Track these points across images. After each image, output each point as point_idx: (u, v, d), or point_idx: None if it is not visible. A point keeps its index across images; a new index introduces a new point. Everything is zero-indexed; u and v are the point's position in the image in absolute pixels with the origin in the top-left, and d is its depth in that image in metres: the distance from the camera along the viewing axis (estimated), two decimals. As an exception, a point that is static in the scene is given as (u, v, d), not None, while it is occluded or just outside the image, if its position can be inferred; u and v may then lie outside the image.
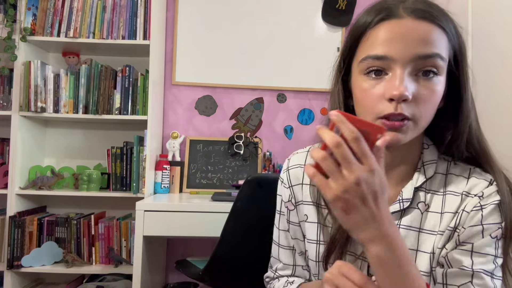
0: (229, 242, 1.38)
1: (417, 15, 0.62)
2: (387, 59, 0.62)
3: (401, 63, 0.61)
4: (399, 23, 0.62)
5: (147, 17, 2.03)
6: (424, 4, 0.64)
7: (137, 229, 1.64)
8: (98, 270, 1.95)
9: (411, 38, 0.61)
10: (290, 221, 0.81)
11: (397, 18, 0.62)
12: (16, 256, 1.92)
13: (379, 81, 0.63)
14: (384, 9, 0.64)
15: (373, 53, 0.63)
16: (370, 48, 0.64)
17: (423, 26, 0.62)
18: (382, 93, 0.62)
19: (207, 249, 2.20)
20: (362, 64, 0.65)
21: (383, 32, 0.63)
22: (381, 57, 0.62)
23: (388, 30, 0.62)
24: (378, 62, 0.63)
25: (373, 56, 0.63)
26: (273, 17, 2.29)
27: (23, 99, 1.97)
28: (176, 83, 2.27)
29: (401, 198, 0.70)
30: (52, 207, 2.22)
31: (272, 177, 1.36)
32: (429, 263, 0.68)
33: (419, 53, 0.61)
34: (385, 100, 0.62)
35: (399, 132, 0.62)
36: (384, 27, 0.63)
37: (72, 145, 2.25)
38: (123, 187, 2.06)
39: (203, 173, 2.20)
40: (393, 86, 0.61)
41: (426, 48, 0.61)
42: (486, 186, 0.67)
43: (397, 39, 0.61)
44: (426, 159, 0.71)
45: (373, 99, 0.63)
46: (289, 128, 2.30)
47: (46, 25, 2.01)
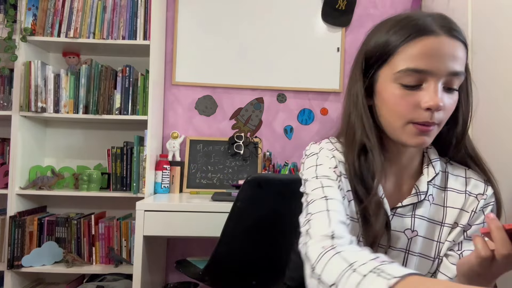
0: (229, 242, 1.39)
1: (450, 34, 0.69)
2: (426, 73, 0.68)
3: (437, 76, 0.68)
4: (437, 40, 0.68)
5: (147, 17, 2.03)
6: (450, 22, 0.71)
7: (137, 229, 1.64)
8: (98, 270, 1.95)
9: (446, 55, 0.68)
10: (342, 188, 0.74)
11: (434, 35, 0.68)
12: (17, 256, 1.92)
13: (414, 91, 0.70)
14: (419, 26, 0.69)
15: (413, 66, 0.68)
16: (410, 61, 0.69)
17: (455, 44, 0.69)
18: (418, 102, 0.69)
19: (207, 249, 2.20)
20: (399, 74, 0.70)
21: (422, 47, 0.68)
22: (421, 71, 0.68)
23: (428, 46, 0.68)
24: (417, 74, 0.69)
25: (414, 69, 0.68)
26: (273, 17, 2.29)
27: (23, 99, 1.97)
28: (176, 83, 2.27)
29: (418, 191, 0.78)
30: (52, 207, 2.22)
31: (272, 177, 1.37)
32: (435, 250, 0.78)
33: (452, 70, 0.68)
34: (421, 108, 0.69)
35: (426, 136, 0.71)
36: (423, 43, 0.68)
37: (72, 145, 2.25)
38: (123, 187, 2.06)
39: (203, 173, 2.20)
40: (431, 97, 0.68)
41: (456, 65, 0.69)
42: (485, 187, 0.79)
43: (436, 55, 0.68)
44: (432, 158, 0.81)
45: (409, 107, 0.70)
46: (289, 128, 2.30)
47: (47, 25, 2.01)
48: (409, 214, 0.78)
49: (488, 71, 1.43)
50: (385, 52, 0.72)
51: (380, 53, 0.73)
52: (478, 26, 1.51)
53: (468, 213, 0.78)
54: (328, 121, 2.30)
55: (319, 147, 0.81)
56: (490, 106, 1.39)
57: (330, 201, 0.69)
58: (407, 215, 0.78)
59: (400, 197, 0.79)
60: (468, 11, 1.57)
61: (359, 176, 0.74)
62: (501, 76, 1.36)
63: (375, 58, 0.74)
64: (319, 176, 0.74)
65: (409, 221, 0.77)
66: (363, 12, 2.32)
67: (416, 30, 0.69)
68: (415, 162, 0.80)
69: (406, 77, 0.69)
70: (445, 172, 0.81)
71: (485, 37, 1.47)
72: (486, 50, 1.46)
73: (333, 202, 0.69)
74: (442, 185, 0.80)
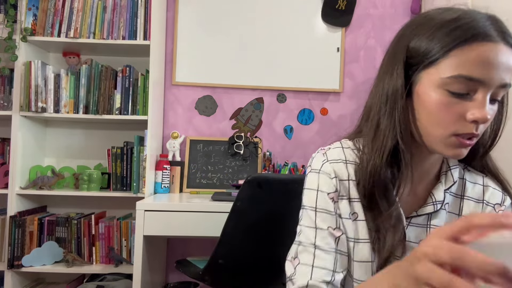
0: (229, 241, 1.39)
1: (507, 41, 0.63)
2: (479, 82, 0.62)
3: (487, 87, 0.62)
4: (495, 47, 0.62)
5: (147, 17, 2.03)
6: (505, 27, 0.65)
7: (137, 229, 1.64)
8: (98, 269, 1.95)
9: (502, 65, 0.62)
10: (337, 214, 0.72)
11: (492, 41, 0.62)
12: (17, 255, 1.92)
13: (462, 100, 0.63)
14: (476, 28, 0.62)
15: (466, 73, 0.62)
16: (462, 68, 0.62)
17: (509, 53, 0.63)
18: (463, 113, 0.63)
19: (207, 249, 2.20)
20: (448, 80, 0.63)
21: (479, 54, 0.61)
22: (474, 79, 0.62)
23: (485, 53, 0.61)
24: (468, 83, 0.62)
25: (467, 77, 0.62)
26: (273, 17, 2.29)
27: (23, 99, 1.98)
28: (176, 83, 2.27)
29: (435, 200, 0.73)
30: (52, 207, 2.22)
31: (272, 177, 1.37)
32: None
33: (504, 81, 0.63)
34: (466, 120, 0.63)
35: (465, 148, 0.66)
36: (480, 49, 0.61)
37: (73, 145, 2.25)
38: (124, 187, 2.06)
39: (203, 173, 2.20)
40: (479, 110, 0.62)
41: (507, 77, 0.63)
42: (503, 197, 0.76)
43: (492, 63, 0.61)
44: (451, 164, 0.76)
45: (453, 117, 0.64)
46: (289, 128, 2.30)
47: (47, 25, 2.01)
48: (424, 224, 0.73)
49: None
50: (434, 53, 0.65)
51: (427, 53, 0.65)
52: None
53: None
54: (328, 121, 2.30)
55: (322, 160, 0.75)
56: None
57: (317, 252, 0.69)
58: (422, 224, 0.73)
59: (414, 204, 0.74)
60: (468, 11, 1.57)
61: (382, 184, 0.69)
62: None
63: (421, 57, 0.66)
64: (317, 209, 0.72)
65: (424, 231, 0.73)
66: (363, 12, 2.32)
67: (473, 34, 0.62)
68: (435, 168, 0.76)
69: (456, 84, 0.63)
70: (462, 179, 0.77)
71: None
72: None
73: (321, 254, 0.69)
74: (459, 192, 0.76)
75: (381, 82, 0.72)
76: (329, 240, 0.70)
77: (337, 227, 0.71)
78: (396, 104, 0.68)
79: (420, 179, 0.75)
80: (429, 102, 0.66)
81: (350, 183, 0.73)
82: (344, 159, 0.74)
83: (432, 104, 0.65)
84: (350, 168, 0.74)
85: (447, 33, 0.64)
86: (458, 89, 0.63)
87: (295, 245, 0.73)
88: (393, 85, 0.69)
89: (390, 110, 0.69)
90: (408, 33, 0.69)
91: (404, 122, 0.68)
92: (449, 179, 0.75)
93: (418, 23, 0.69)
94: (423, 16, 0.69)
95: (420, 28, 0.67)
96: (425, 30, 0.66)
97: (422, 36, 0.66)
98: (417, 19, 0.70)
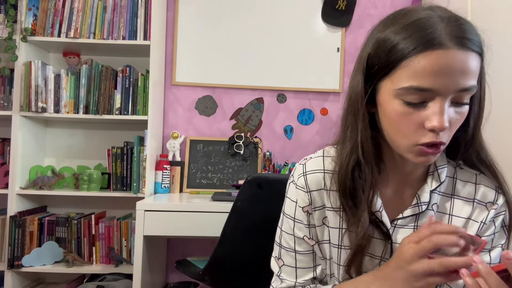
0: (230, 241, 1.39)
1: (462, 45, 0.60)
2: (431, 92, 0.61)
3: (443, 95, 0.61)
4: (446, 54, 0.60)
5: (147, 17, 2.03)
6: (464, 28, 0.62)
7: (138, 229, 1.64)
8: (98, 269, 1.95)
9: (456, 71, 0.60)
10: (310, 225, 0.78)
11: (443, 48, 0.60)
12: (17, 256, 1.92)
13: (418, 109, 0.63)
14: (425, 36, 0.61)
15: (417, 84, 0.61)
16: (413, 78, 0.61)
17: (466, 56, 0.61)
18: (421, 122, 0.63)
19: (207, 249, 2.20)
20: (402, 91, 0.63)
21: (428, 63, 0.60)
22: (426, 90, 0.61)
23: (435, 62, 0.60)
24: (421, 93, 0.62)
25: (418, 88, 0.61)
26: (273, 17, 2.29)
27: (23, 99, 1.98)
28: (176, 83, 2.27)
29: (419, 202, 0.73)
30: (52, 207, 2.22)
31: (272, 177, 1.37)
32: None
33: (461, 87, 0.61)
34: (424, 129, 0.63)
35: (433, 155, 0.66)
36: (430, 58, 0.60)
37: (73, 145, 2.25)
38: (124, 187, 2.06)
39: (203, 173, 2.20)
40: (435, 118, 0.61)
41: (467, 81, 0.61)
42: (496, 195, 0.74)
43: (443, 72, 0.60)
44: (438, 164, 0.75)
45: (411, 127, 0.64)
46: (289, 128, 2.30)
47: (47, 25, 2.01)
48: (411, 225, 0.74)
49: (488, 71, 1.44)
50: (388, 63, 0.65)
51: (382, 64, 0.66)
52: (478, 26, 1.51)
53: (477, 223, 0.73)
54: (328, 121, 2.30)
55: (298, 174, 0.78)
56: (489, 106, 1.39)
57: (298, 256, 0.80)
58: (409, 226, 0.74)
59: (400, 206, 0.75)
60: (468, 11, 1.57)
61: (349, 192, 0.72)
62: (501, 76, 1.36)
63: (378, 67, 0.67)
64: (295, 220, 0.79)
65: (411, 232, 0.73)
66: (363, 12, 2.32)
67: (423, 42, 0.60)
68: (419, 170, 0.75)
69: (410, 95, 0.63)
70: (453, 177, 0.76)
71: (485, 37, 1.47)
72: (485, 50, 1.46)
73: (301, 257, 0.80)
74: (449, 191, 0.75)
75: (349, 90, 0.73)
76: (306, 245, 0.79)
77: (310, 237, 0.79)
78: (358, 115, 0.70)
79: (405, 182, 0.76)
80: (388, 113, 0.66)
81: (325, 193, 0.76)
82: (322, 169, 0.77)
83: (392, 114, 0.66)
84: (327, 178, 0.76)
85: (400, 41, 0.63)
86: (412, 99, 0.63)
87: (277, 246, 0.83)
88: (357, 95, 0.70)
89: (353, 120, 0.71)
90: (369, 40, 0.70)
91: (366, 131, 0.70)
92: (436, 179, 0.74)
93: (379, 28, 0.69)
94: (385, 20, 0.69)
95: (379, 35, 0.67)
96: (383, 38, 0.66)
97: (380, 45, 0.66)
98: (380, 24, 0.69)
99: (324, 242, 0.78)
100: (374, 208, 0.72)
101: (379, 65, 0.66)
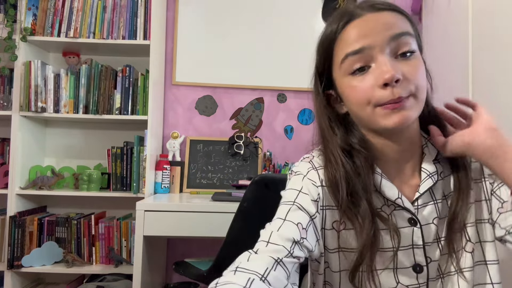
0: (235, 242, 1.37)
1: (374, 8, 0.67)
2: (365, 49, 0.65)
3: (379, 48, 0.65)
4: (363, 19, 0.67)
5: (147, 17, 2.03)
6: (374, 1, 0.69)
7: (137, 229, 1.64)
8: (98, 270, 1.95)
9: (378, 26, 0.66)
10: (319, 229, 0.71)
11: (358, 17, 0.67)
12: (17, 256, 1.92)
13: (366, 75, 0.66)
14: (345, 14, 0.69)
15: (350, 50, 0.67)
16: (346, 48, 0.67)
17: (384, 14, 0.67)
18: (374, 82, 0.65)
19: (207, 249, 2.20)
20: (344, 65, 0.68)
21: (352, 31, 0.67)
22: (359, 50, 0.66)
23: (356, 27, 0.67)
24: (359, 56, 0.66)
25: (352, 52, 0.66)
26: (273, 17, 2.29)
27: (23, 99, 1.97)
28: (176, 83, 2.27)
29: (429, 173, 0.72)
30: (52, 207, 2.22)
31: (279, 178, 1.36)
32: None
33: (390, 34, 0.65)
34: (379, 87, 0.65)
35: (403, 111, 0.65)
36: (351, 27, 0.67)
37: (72, 145, 2.25)
38: (123, 187, 2.06)
39: (203, 173, 2.20)
40: (382, 71, 0.64)
41: (394, 29, 0.65)
42: None
43: (367, 31, 0.66)
44: (426, 136, 0.76)
45: (367, 91, 0.66)
46: (289, 128, 2.30)
47: (47, 25, 2.01)
48: (431, 202, 0.72)
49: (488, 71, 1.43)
50: (328, 50, 0.71)
51: (325, 54, 0.72)
52: (479, 26, 1.51)
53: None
54: (328, 121, 2.29)
55: (308, 167, 0.75)
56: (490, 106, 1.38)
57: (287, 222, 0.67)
58: (429, 203, 0.72)
59: (413, 189, 0.73)
60: (468, 11, 1.57)
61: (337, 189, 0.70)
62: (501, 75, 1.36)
63: (323, 60, 0.73)
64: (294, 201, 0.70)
65: (434, 207, 0.72)
66: (363, 12, 2.32)
67: (340, 20, 0.69)
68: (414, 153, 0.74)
69: (350, 64, 0.67)
70: None
71: (485, 37, 1.47)
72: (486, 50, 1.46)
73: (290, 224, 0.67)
74: None
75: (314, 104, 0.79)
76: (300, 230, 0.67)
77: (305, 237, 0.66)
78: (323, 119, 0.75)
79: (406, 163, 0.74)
80: (347, 93, 0.70)
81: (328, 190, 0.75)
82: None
83: (348, 92, 0.69)
84: None
85: (326, 30, 0.72)
86: (355, 66, 0.67)
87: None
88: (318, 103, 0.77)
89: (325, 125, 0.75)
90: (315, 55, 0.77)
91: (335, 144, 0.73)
92: (431, 149, 0.75)
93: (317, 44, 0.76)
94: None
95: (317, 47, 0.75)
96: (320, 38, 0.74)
97: (320, 44, 0.74)
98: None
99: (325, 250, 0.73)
100: (391, 197, 0.71)
101: (323, 59, 0.73)
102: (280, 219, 0.67)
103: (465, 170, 0.73)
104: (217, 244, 1.39)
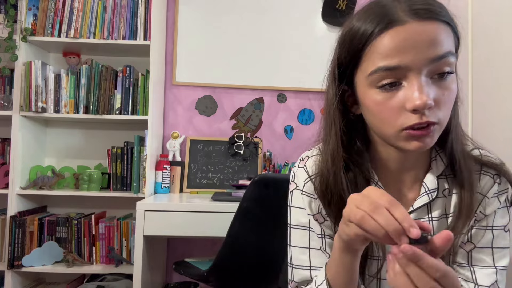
0: (235, 242, 1.38)
1: (420, 16, 0.58)
2: (401, 69, 0.59)
3: (415, 70, 0.58)
4: (405, 29, 0.58)
5: (147, 17, 2.03)
6: (420, 2, 0.60)
7: (138, 229, 1.64)
8: (98, 270, 1.95)
9: (420, 42, 0.58)
10: (325, 235, 0.73)
11: (400, 24, 0.58)
12: (17, 256, 1.92)
13: (395, 92, 0.60)
14: (383, 16, 0.60)
15: (383, 64, 0.59)
16: (379, 60, 0.60)
17: (429, 27, 0.58)
18: (402, 104, 0.60)
19: (207, 249, 2.20)
20: (372, 77, 0.61)
21: (390, 41, 0.59)
22: (394, 68, 0.59)
23: (395, 38, 0.58)
24: (391, 73, 0.59)
25: (385, 68, 0.59)
26: (273, 17, 2.29)
27: (23, 99, 1.98)
28: (176, 83, 2.27)
29: (428, 189, 0.69)
30: (52, 207, 2.22)
31: (279, 178, 1.36)
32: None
33: (432, 56, 0.58)
34: (407, 111, 0.59)
35: (426, 138, 0.61)
36: (390, 36, 0.59)
37: (73, 145, 2.25)
38: (124, 187, 2.06)
39: (203, 173, 2.20)
40: (414, 96, 0.58)
41: (437, 50, 0.58)
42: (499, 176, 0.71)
43: (406, 46, 0.58)
44: (438, 148, 0.71)
45: (393, 112, 0.61)
46: (289, 128, 2.30)
47: (47, 25, 2.01)
48: (426, 217, 0.69)
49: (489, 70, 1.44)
50: (355, 52, 0.63)
51: (350, 55, 0.65)
52: (479, 26, 1.51)
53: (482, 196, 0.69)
54: (328, 121, 2.29)
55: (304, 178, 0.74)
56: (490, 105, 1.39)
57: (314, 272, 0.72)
58: (423, 218, 0.69)
59: (410, 200, 0.71)
60: (468, 12, 1.57)
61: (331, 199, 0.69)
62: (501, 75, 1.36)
63: (347, 60, 0.66)
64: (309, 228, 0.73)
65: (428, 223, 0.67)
66: (363, 12, 2.32)
67: (381, 23, 0.59)
68: (418, 166, 0.71)
69: (380, 79, 0.60)
70: None
71: (486, 37, 1.47)
72: (486, 50, 1.46)
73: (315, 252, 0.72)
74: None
75: (325, 98, 0.73)
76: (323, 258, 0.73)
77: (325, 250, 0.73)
78: (335, 119, 0.69)
79: (406, 178, 0.71)
80: (368, 105, 0.64)
81: None
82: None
83: (371, 105, 0.63)
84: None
85: (359, 28, 0.62)
86: (384, 81, 0.60)
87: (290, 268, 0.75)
88: (331, 100, 0.70)
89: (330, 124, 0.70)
90: (337, 42, 0.69)
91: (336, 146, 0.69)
92: (439, 164, 0.70)
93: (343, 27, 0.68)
94: (350, 18, 0.68)
95: (343, 32, 0.67)
96: (346, 32, 0.66)
97: (346, 39, 0.66)
98: (345, 22, 0.68)
99: None
100: None
101: (348, 58, 0.65)
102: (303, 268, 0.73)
103: (470, 191, 0.67)
104: (217, 244, 1.40)
